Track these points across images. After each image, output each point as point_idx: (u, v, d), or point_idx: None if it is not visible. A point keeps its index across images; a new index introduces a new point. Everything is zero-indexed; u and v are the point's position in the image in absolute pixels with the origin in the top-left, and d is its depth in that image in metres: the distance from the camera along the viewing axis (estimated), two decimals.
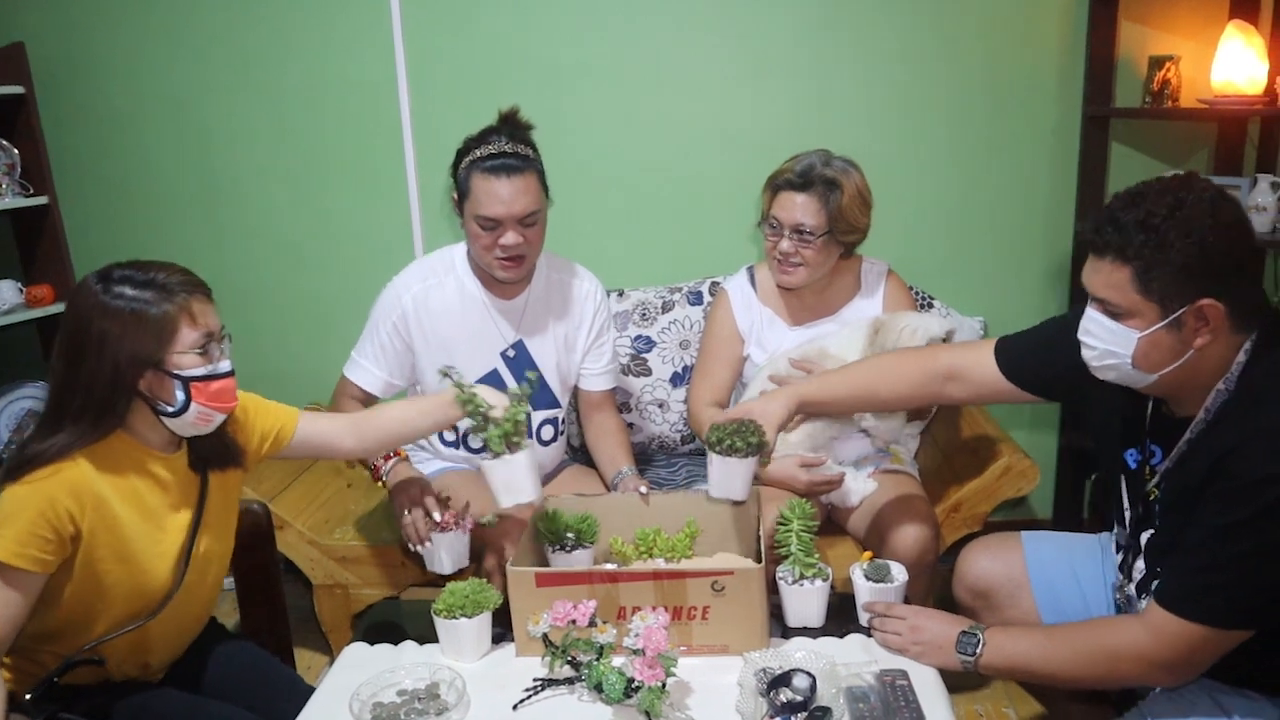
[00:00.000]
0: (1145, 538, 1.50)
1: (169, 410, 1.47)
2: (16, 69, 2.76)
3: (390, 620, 2.73)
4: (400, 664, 1.58)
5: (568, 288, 2.24)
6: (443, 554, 1.90)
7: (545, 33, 2.71)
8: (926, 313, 2.51)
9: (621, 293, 2.70)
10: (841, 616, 1.69)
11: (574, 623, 1.49)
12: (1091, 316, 1.40)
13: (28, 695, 1.47)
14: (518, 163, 1.98)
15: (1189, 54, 2.55)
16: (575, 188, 2.61)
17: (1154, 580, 1.47)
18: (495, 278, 2.09)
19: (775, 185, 2.22)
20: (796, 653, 1.51)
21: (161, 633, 1.58)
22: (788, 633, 1.67)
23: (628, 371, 2.63)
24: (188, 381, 1.46)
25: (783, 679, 1.40)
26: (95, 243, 2.92)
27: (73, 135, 2.86)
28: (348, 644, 1.73)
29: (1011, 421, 2.80)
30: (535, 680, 1.52)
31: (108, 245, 2.85)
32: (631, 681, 1.39)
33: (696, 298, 2.68)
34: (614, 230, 2.83)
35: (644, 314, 2.67)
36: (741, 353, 2.35)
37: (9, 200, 2.76)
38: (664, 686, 1.39)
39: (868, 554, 1.73)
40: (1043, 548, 1.78)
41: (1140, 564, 1.52)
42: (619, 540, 1.84)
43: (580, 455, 2.50)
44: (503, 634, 1.66)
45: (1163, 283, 1.31)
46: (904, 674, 1.48)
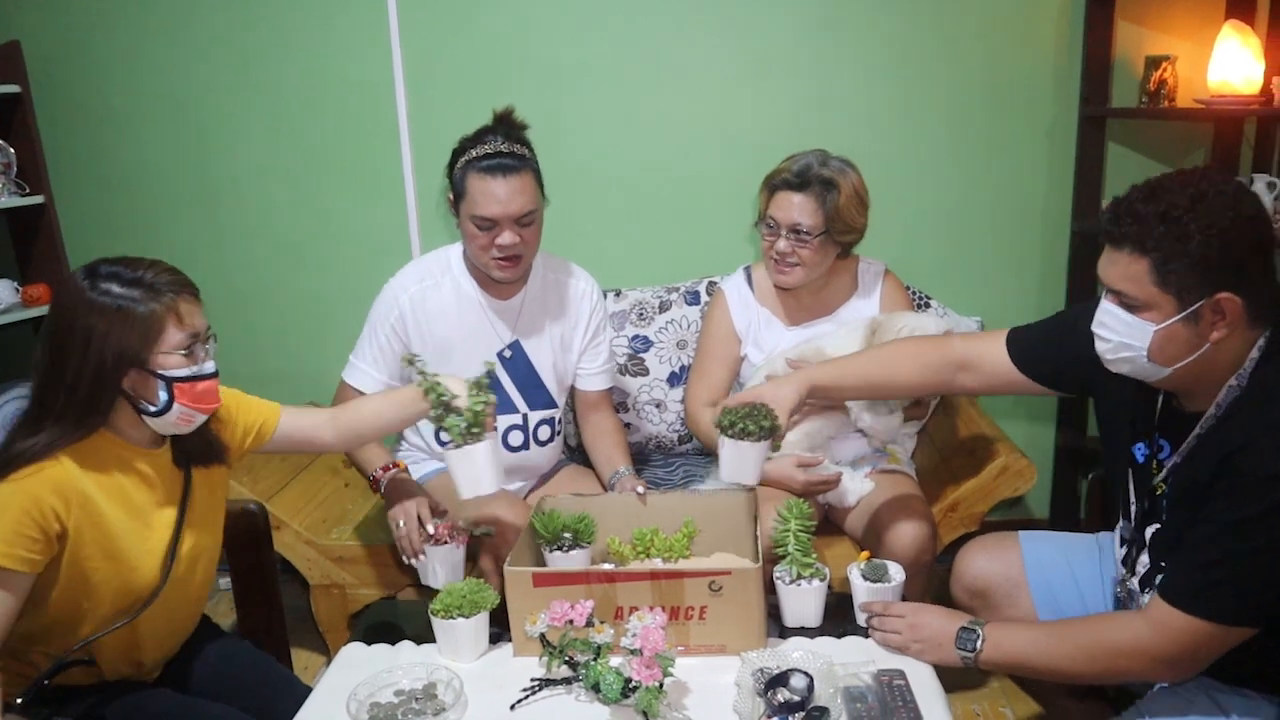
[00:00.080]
0: (1150, 532, 1.50)
1: (151, 410, 1.47)
2: (12, 67, 2.75)
3: (387, 620, 2.72)
4: (397, 664, 1.58)
5: (564, 287, 2.23)
6: (437, 567, 1.89)
7: (543, 32, 2.71)
8: (923, 313, 2.51)
9: (619, 292, 2.70)
10: (839, 616, 1.69)
11: (571, 623, 1.49)
12: (1106, 309, 1.39)
13: (19, 699, 1.46)
14: (514, 162, 1.98)
15: (1185, 54, 2.55)
16: (573, 188, 2.61)
17: (1158, 575, 1.47)
18: (492, 278, 2.09)
19: (772, 185, 2.22)
20: (794, 652, 1.51)
21: (152, 630, 1.58)
22: (785, 633, 1.67)
23: (625, 371, 2.63)
24: (171, 382, 1.45)
25: (780, 679, 1.41)
26: (92, 242, 2.90)
27: (69, 134, 2.85)
28: (345, 644, 1.73)
29: (1008, 421, 2.80)
30: (533, 680, 1.52)
31: (104, 245, 2.79)
32: (629, 681, 1.39)
33: (694, 297, 2.68)
34: (612, 230, 2.83)
35: (641, 314, 2.67)
36: (738, 353, 2.35)
37: (5, 199, 2.75)
38: (661, 686, 1.39)
39: (865, 554, 1.74)
40: (1040, 548, 1.78)
41: (1145, 558, 1.51)
42: (616, 540, 1.84)
43: (577, 455, 2.50)
44: (500, 634, 1.66)
45: (1181, 275, 1.29)
46: (901, 674, 1.49)
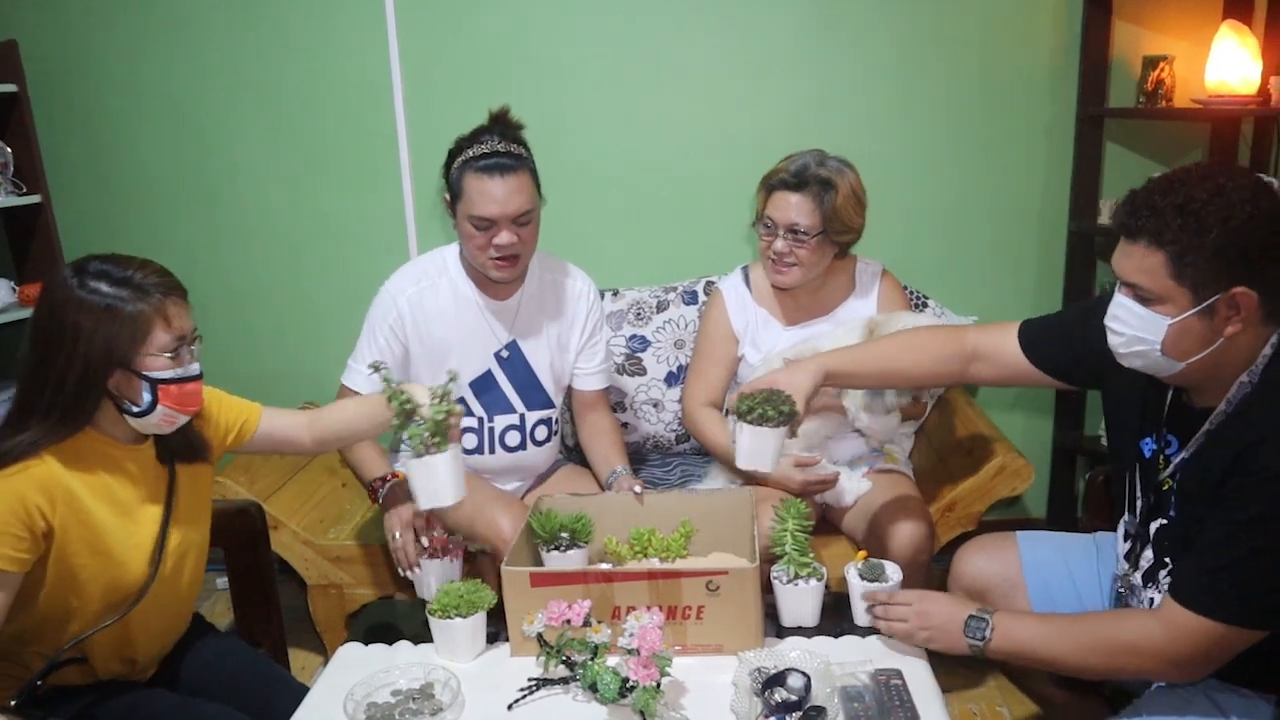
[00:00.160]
0: (1155, 527, 1.49)
1: (134, 410, 1.46)
2: (10, 67, 2.75)
3: (385, 620, 2.67)
4: (395, 664, 1.58)
5: (561, 287, 2.23)
6: (431, 580, 1.88)
7: (542, 32, 2.71)
8: (921, 312, 2.52)
9: (617, 292, 2.70)
10: (836, 616, 1.69)
11: (569, 622, 1.49)
12: (1120, 302, 1.37)
13: (12, 701, 1.46)
14: (511, 162, 1.97)
15: (1183, 54, 2.55)
16: (572, 187, 2.61)
17: (1161, 570, 1.46)
18: (489, 278, 2.08)
19: (770, 185, 2.22)
20: (791, 652, 1.51)
21: (144, 627, 1.57)
22: (782, 632, 1.67)
23: (622, 371, 2.63)
24: (155, 383, 1.45)
25: (777, 678, 1.41)
26: (89, 242, 2.88)
27: (66, 134, 2.85)
28: (342, 644, 1.73)
29: (1005, 421, 2.80)
30: (530, 680, 1.52)
31: (101, 245, 2.73)
32: (626, 681, 1.39)
33: (691, 297, 2.68)
34: (610, 230, 2.83)
35: (639, 313, 2.67)
36: (736, 353, 2.35)
37: (1, 199, 2.75)
38: (659, 686, 1.38)
39: (862, 553, 1.74)
40: (1038, 548, 1.78)
41: (1148, 553, 1.50)
42: (614, 540, 1.84)
43: (575, 455, 2.50)
44: (497, 634, 1.66)
45: (1197, 268, 1.28)
46: (898, 673, 1.49)
